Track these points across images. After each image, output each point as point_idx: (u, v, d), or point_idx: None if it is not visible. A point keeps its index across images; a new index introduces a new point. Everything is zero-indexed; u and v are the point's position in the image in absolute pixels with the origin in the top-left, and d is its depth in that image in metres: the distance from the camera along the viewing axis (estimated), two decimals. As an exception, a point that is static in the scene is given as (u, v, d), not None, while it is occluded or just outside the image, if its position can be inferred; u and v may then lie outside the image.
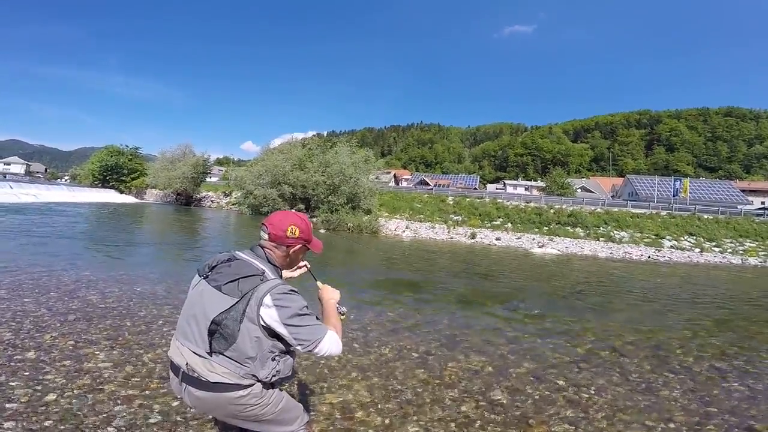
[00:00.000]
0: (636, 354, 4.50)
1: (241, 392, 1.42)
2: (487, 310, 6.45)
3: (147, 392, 2.60)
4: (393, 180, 62.00)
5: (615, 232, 27.65)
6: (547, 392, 3.20)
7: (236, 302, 1.39)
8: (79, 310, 4.29)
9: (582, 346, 4.66)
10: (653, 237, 26.70)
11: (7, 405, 2.27)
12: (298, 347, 1.46)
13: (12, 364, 2.81)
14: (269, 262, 1.58)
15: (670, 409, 3.09)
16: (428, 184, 57.16)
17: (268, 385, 1.51)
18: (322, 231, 23.70)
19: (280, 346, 1.48)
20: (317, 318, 1.52)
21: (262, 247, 1.60)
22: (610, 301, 8.42)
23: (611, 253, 23.42)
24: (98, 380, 2.73)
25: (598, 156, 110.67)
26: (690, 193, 40.05)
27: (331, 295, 1.77)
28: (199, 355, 1.43)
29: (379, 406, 2.75)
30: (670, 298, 9.35)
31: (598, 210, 31.21)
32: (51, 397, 2.43)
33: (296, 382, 3.08)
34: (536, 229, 28.48)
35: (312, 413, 2.59)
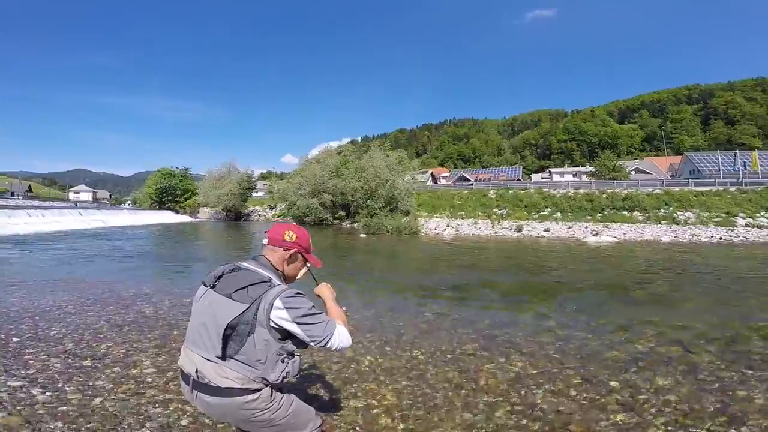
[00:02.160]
0: (707, 349, 4.00)
1: (251, 396, 1.46)
2: (534, 307, 6.07)
3: (182, 396, 2.69)
4: (430, 179, 61.30)
5: (678, 213, 25.38)
6: (595, 395, 2.91)
7: (248, 307, 1.45)
8: (134, 322, 4.59)
9: (642, 342, 4.22)
10: (723, 215, 24.17)
11: (60, 408, 2.49)
12: (312, 343, 1.54)
13: (70, 371, 3.09)
14: (273, 269, 1.65)
15: (745, 411, 2.69)
16: (468, 180, 55.98)
17: (277, 389, 1.56)
18: (363, 236, 23.90)
19: (289, 348, 1.54)
20: (325, 315, 1.62)
21: (266, 257, 1.70)
22: (676, 290, 7.67)
23: (675, 236, 21.52)
24: (141, 385, 2.91)
25: (649, 135, 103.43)
26: (761, 166, 35.92)
27: (330, 291, 1.85)
28: (211, 361, 1.47)
29: (405, 412, 2.64)
30: (747, 284, 8.36)
31: (657, 191, 28.85)
32: (97, 400, 2.62)
33: (321, 386, 3.06)
34: (589, 217, 26.86)
35: (334, 419, 2.54)
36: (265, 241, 1.73)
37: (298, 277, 1.79)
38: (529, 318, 5.32)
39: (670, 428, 2.47)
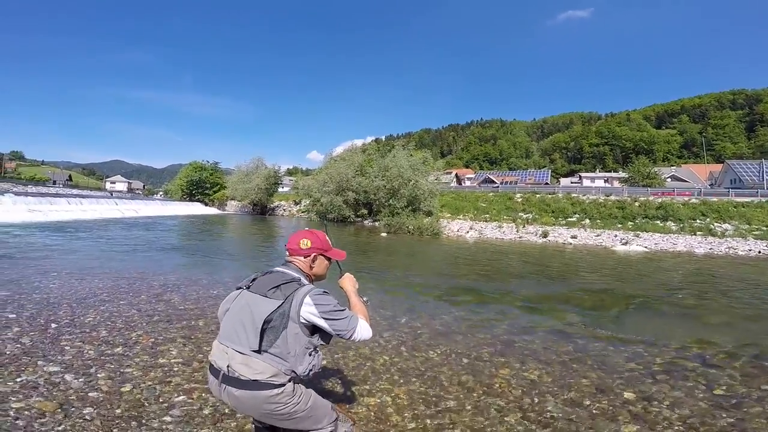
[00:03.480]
0: (729, 365, 3.88)
1: (276, 391, 1.59)
2: (555, 314, 5.97)
3: (206, 386, 2.85)
4: (455, 180, 60.73)
5: (715, 224, 24.14)
6: (609, 406, 2.89)
7: (281, 303, 1.63)
8: (163, 312, 4.80)
9: (663, 355, 4.12)
10: (765, 228, 22.81)
11: (90, 393, 2.63)
12: (337, 336, 1.72)
13: (102, 358, 3.25)
14: (300, 271, 1.86)
15: (757, 429, 2.61)
16: (494, 182, 55.12)
17: (300, 383, 1.70)
18: (384, 234, 24.00)
19: (315, 342, 1.72)
20: (349, 310, 1.78)
21: (290, 262, 1.91)
22: (705, 303, 7.35)
23: (711, 248, 20.50)
24: (168, 374, 3.04)
25: (688, 142, 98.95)
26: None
27: (352, 284, 2.01)
28: (245, 354, 1.61)
29: (416, 412, 2.70)
30: (786, 301, 7.90)
31: (693, 200, 27.54)
32: (126, 387, 2.76)
33: (337, 382, 3.15)
34: (619, 225, 25.92)
35: (348, 414, 2.61)
36: (286, 253, 1.92)
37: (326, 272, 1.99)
38: (549, 326, 5.24)
39: (680, 443, 2.43)
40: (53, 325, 3.97)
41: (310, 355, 1.69)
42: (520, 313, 6.00)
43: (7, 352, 3.18)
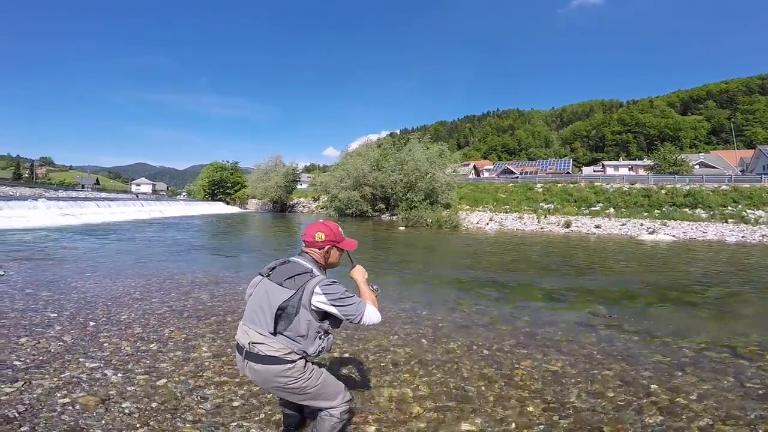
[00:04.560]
0: (761, 358, 3.75)
1: (288, 365, 1.82)
2: (579, 306, 5.86)
3: (236, 379, 2.97)
4: (473, 171, 59.95)
5: (748, 211, 23.11)
6: (633, 397, 2.86)
7: (294, 292, 1.83)
8: (192, 308, 4.98)
9: (691, 347, 4.02)
10: (804, 214, 21.68)
11: (129, 388, 2.77)
12: (346, 320, 1.89)
13: (138, 353, 3.42)
14: (314, 262, 2.04)
15: None
16: (513, 173, 54.15)
17: (310, 361, 1.92)
18: (402, 228, 24.01)
19: (325, 327, 1.91)
20: (357, 297, 1.95)
21: (306, 253, 2.09)
22: (736, 294, 7.10)
23: (743, 236, 19.65)
24: (200, 368, 3.18)
25: (716, 128, 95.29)
26: None
27: (362, 274, 2.15)
28: (263, 335, 1.84)
29: (437, 403, 2.74)
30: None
31: (724, 187, 26.39)
32: (161, 381, 2.90)
33: (358, 373, 3.22)
34: (645, 213, 25.15)
35: (369, 404, 2.70)
36: (303, 244, 2.10)
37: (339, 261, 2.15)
38: (572, 318, 5.16)
39: (703, 433, 2.40)
40: (91, 323, 4.16)
41: (320, 338, 1.89)
42: (543, 305, 5.94)
43: (52, 350, 3.37)
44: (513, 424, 2.47)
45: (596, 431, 2.40)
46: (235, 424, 2.38)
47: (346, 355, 3.57)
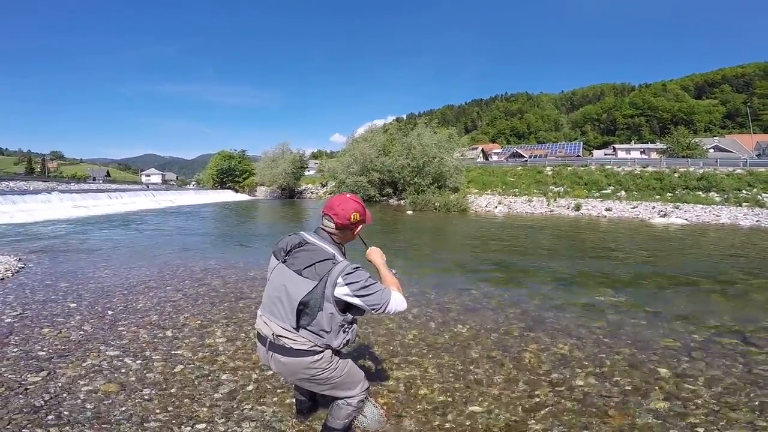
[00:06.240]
0: (770, 342, 3.73)
1: (316, 357, 1.78)
2: (588, 290, 5.85)
3: (249, 363, 3.06)
4: (481, 155, 59.26)
5: (764, 195, 22.60)
6: (640, 382, 2.88)
7: (316, 285, 1.70)
8: (206, 295, 5.08)
9: (700, 332, 4.00)
10: (822, 197, 21.16)
11: (148, 374, 2.86)
12: (372, 311, 1.77)
13: (155, 341, 3.51)
14: (333, 242, 1.87)
15: None
16: (522, 156, 53.46)
17: (336, 352, 1.87)
18: (410, 212, 24.00)
19: (349, 318, 1.82)
20: (380, 284, 1.82)
21: (327, 232, 1.89)
22: (750, 279, 7.00)
23: (758, 220, 19.27)
24: (215, 353, 3.27)
25: (731, 112, 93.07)
26: None
27: (381, 256, 2.03)
28: (286, 329, 1.77)
29: (445, 385, 2.79)
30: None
31: (739, 171, 25.78)
32: (179, 368, 2.99)
33: (368, 356, 3.28)
34: (657, 196, 24.76)
35: (378, 386, 2.75)
36: (331, 224, 1.85)
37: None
38: (582, 301, 5.17)
39: (710, 419, 2.41)
40: (110, 312, 4.26)
41: (344, 331, 1.81)
42: (552, 288, 5.93)
43: (73, 339, 3.48)
44: (520, 407, 2.51)
45: (603, 415, 2.44)
46: (249, 407, 2.45)
47: (356, 337, 3.64)
